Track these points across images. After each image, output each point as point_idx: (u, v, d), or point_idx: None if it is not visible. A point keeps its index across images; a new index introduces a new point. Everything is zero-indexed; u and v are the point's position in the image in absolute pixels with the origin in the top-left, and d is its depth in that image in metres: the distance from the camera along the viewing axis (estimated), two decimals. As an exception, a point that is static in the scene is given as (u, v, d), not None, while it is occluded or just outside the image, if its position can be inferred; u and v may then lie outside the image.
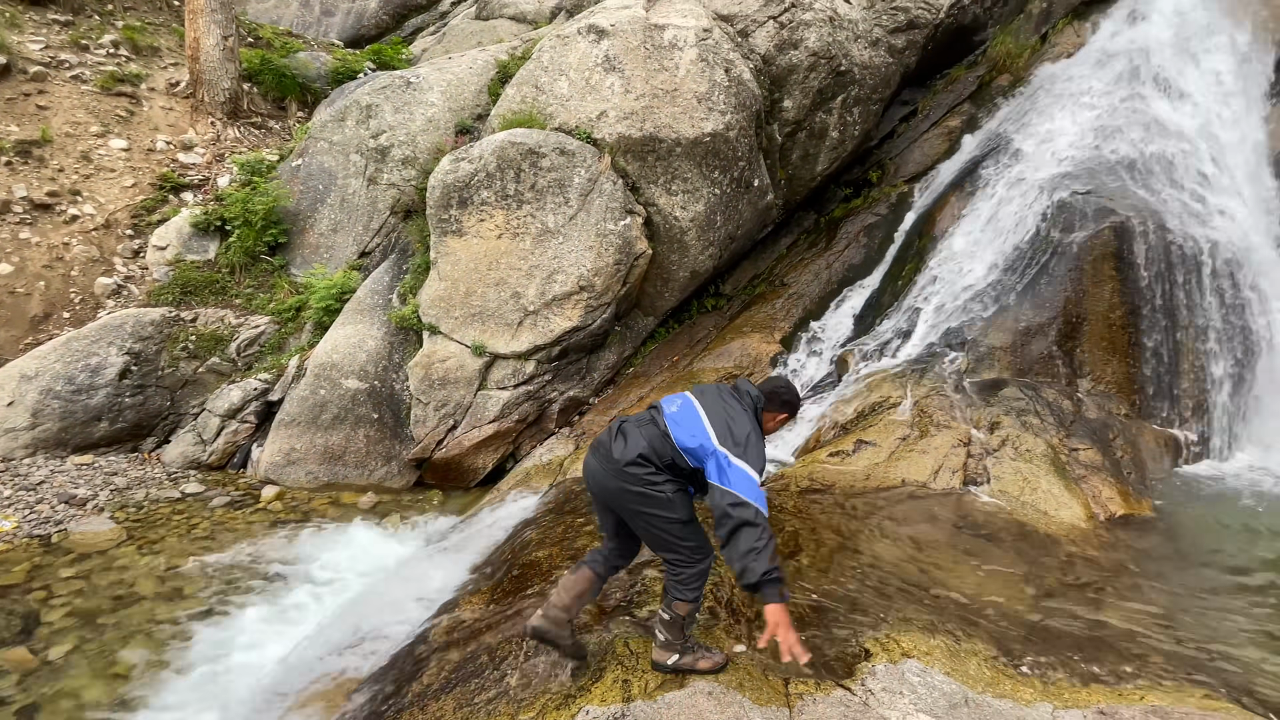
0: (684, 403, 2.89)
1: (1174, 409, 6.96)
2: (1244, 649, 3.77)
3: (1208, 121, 8.40)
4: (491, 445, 6.93)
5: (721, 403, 2.86)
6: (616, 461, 2.76)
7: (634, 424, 2.90)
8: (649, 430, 2.82)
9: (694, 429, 2.75)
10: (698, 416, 2.80)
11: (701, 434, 2.72)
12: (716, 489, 2.61)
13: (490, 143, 7.19)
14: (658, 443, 2.78)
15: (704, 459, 2.69)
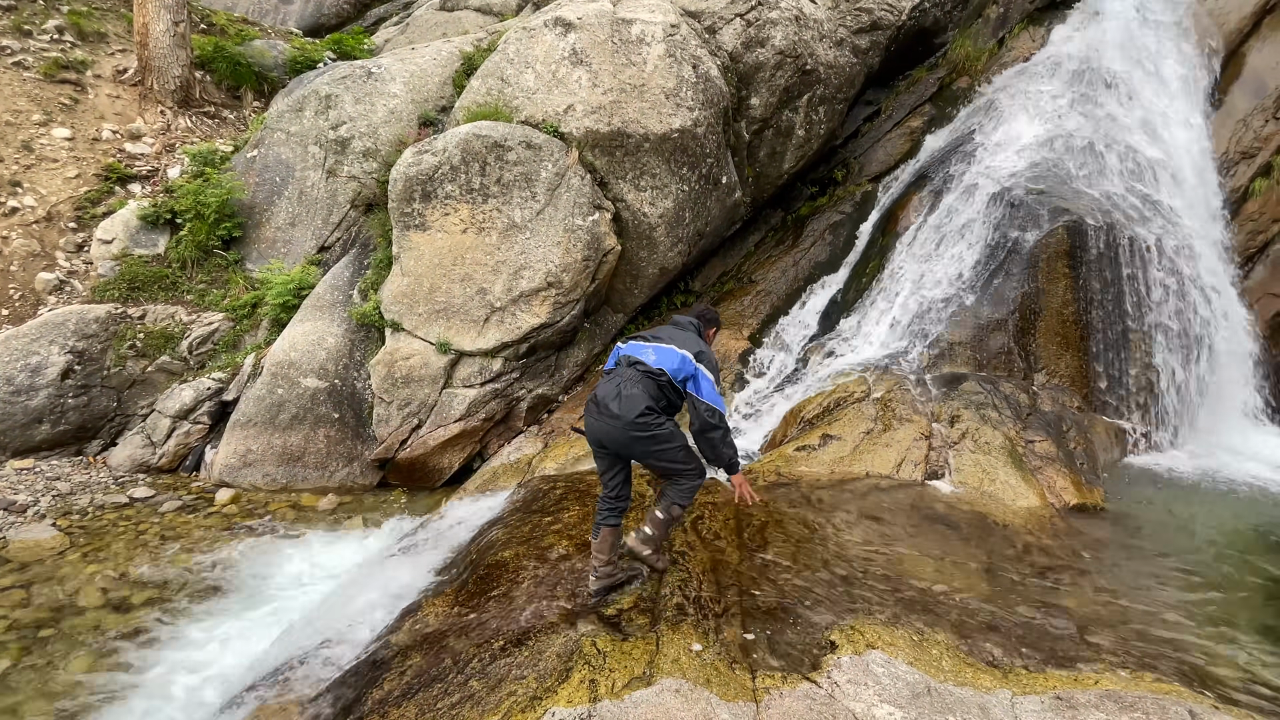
0: (655, 347, 3.48)
1: (1123, 402, 7.20)
2: (1189, 634, 3.91)
3: (1155, 124, 8.72)
4: (457, 444, 6.79)
5: (680, 333, 3.59)
6: (623, 418, 3.29)
7: (627, 382, 3.38)
8: (645, 384, 3.37)
9: (673, 359, 3.41)
10: (672, 350, 3.44)
11: (679, 358, 3.40)
12: (697, 401, 3.35)
13: (454, 135, 7.03)
14: (653, 390, 3.37)
15: (686, 377, 3.38)
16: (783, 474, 5.34)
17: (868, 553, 4.47)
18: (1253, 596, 4.50)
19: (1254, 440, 7.20)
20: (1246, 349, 7.70)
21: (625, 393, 3.32)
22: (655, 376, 3.37)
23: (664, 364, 3.40)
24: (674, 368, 3.39)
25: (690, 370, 3.37)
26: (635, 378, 3.37)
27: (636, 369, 3.42)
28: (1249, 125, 8.80)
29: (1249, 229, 8.79)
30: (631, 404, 3.28)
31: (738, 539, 4.26)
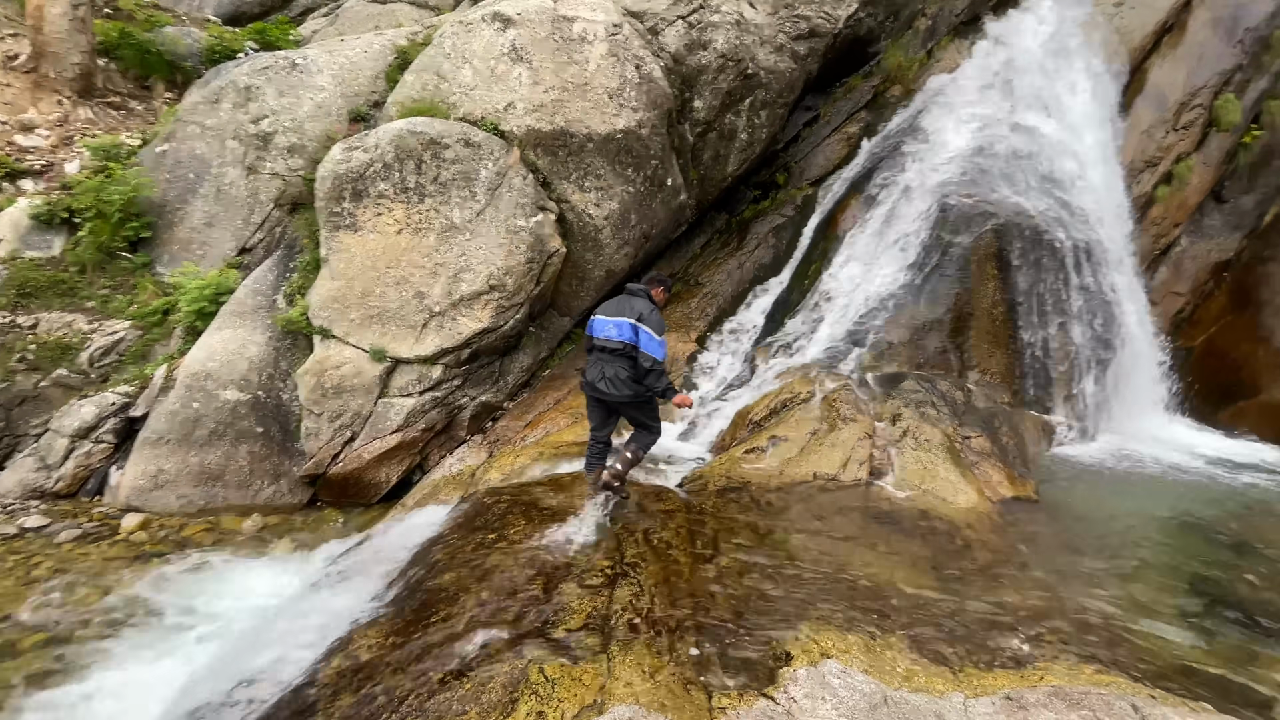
0: (614, 322, 4.28)
1: (1048, 396, 7.49)
2: (1120, 620, 4.01)
3: (1070, 133, 9.15)
4: (395, 457, 6.39)
5: (630, 301, 4.36)
6: (615, 394, 4.25)
7: (607, 367, 4.27)
8: (619, 364, 4.25)
9: (626, 331, 4.22)
10: (620, 320, 4.27)
11: (629, 328, 4.21)
12: (638, 353, 4.18)
13: (387, 131, 6.63)
14: (627, 365, 4.24)
15: (634, 336, 4.17)
16: (732, 478, 5.24)
17: (818, 555, 4.41)
18: (1171, 579, 4.68)
19: (1164, 429, 7.63)
20: (1154, 345, 8.16)
21: (608, 375, 4.26)
22: (623, 353, 4.22)
23: (622, 337, 4.22)
24: (629, 337, 4.20)
25: (633, 332, 4.20)
26: (609, 360, 4.27)
27: (607, 352, 4.27)
28: (1152, 136, 9.37)
29: (1153, 233, 9.36)
30: (618, 386, 4.24)
31: (690, 547, 4.12)
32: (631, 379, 4.20)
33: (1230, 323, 8.44)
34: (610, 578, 3.59)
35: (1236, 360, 8.05)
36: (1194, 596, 4.34)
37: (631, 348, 4.18)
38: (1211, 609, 4.18)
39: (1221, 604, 4.22)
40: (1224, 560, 4.78)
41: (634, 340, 4.16)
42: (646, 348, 4.12)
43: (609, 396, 4.27)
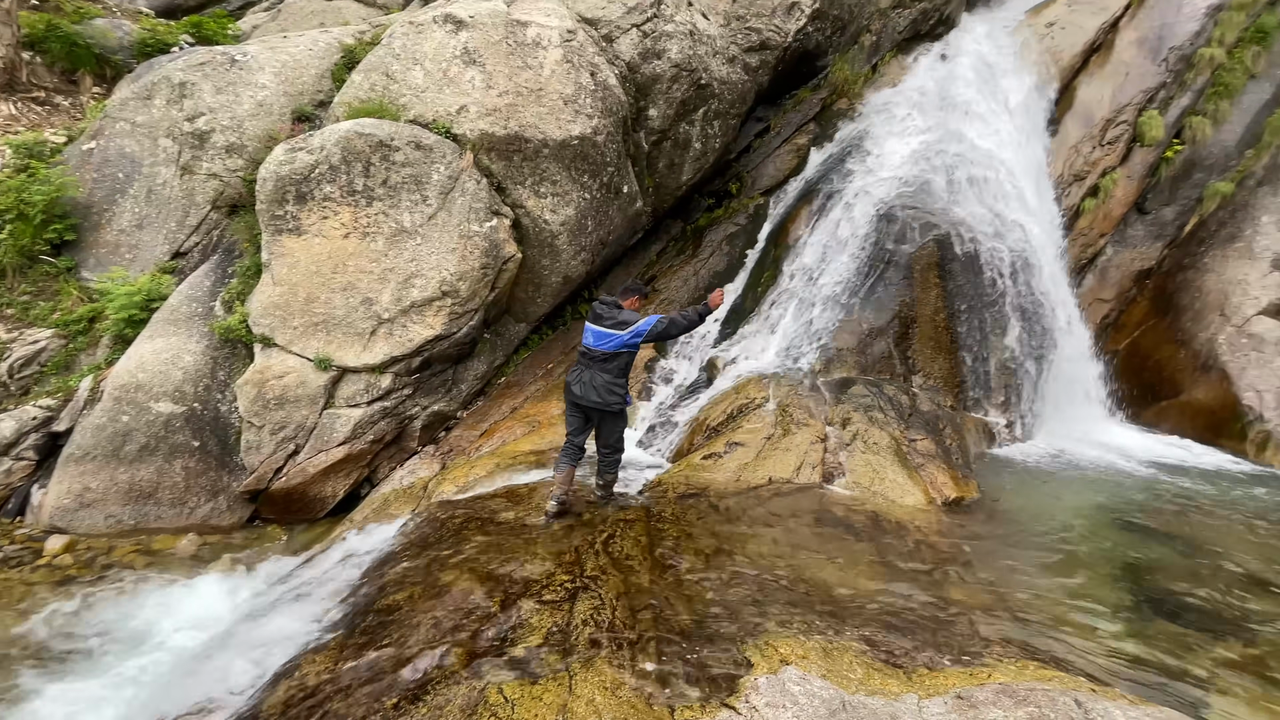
0: (597, 332, 4.57)
1: (988, 399, 7.79)
2: (1059, 615, 4.18)
3: (1004, 147, 9.57)
4: (342, 470, 6.15)
5: (610, 315, 4.60)
6: (595, 401, 4.55)
7: (594, 375, 4.56)
8: (603, 372, 4.55)
9: (614, 341, 4.52)
10: (610, 334, 4.54)
11: (618, 340, 4.52)
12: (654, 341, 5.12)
13: (334, 132, 6.40)
14: (613, 372, 4.57)
15: (627, 344, 4.51)
16: (692, 484, 5.24)
17: (774, 560, 4.45)
18: (1106, 573, 4.91)
19: (1095, 428, 8.03)
20: (1085, 349, 8.60)
21: (591, 383, 4.56)
22: (610, 359, 4.55)
23: (608, 346, 4.55)
24: (617, 345, 4.52)
25: (625, 340, 4.51)
26: (596, 367, 4.56)
27: (596, 360, 4.56)
28: (1080, 151, 9.89)
29: (1081, 243, 9.87)
30: (599, 393, 4.54)
31: (650, 557, 4.09)
32: (610, 389, 4.53)
33: (1152, 327, 8.97)
34: (570, 592, 3.53)
35: (1159, 362, 8.56)
36: (1126, 589, 4.57)
37: (627, 352, 4.55)
38: (1143, 601, 4.40)
39: (1152, 596, 4.46)
40: (1153, 554, 5.05)
41: (624, 344, 4.49)
42: (652, 333, 4.50)
43: (588, 403, 4.55)
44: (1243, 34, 9.67)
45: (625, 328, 4.46)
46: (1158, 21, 10.21)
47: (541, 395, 6.83)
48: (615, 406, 4.58)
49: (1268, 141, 9.10)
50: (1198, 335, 8.47)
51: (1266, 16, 9.68)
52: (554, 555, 3.86)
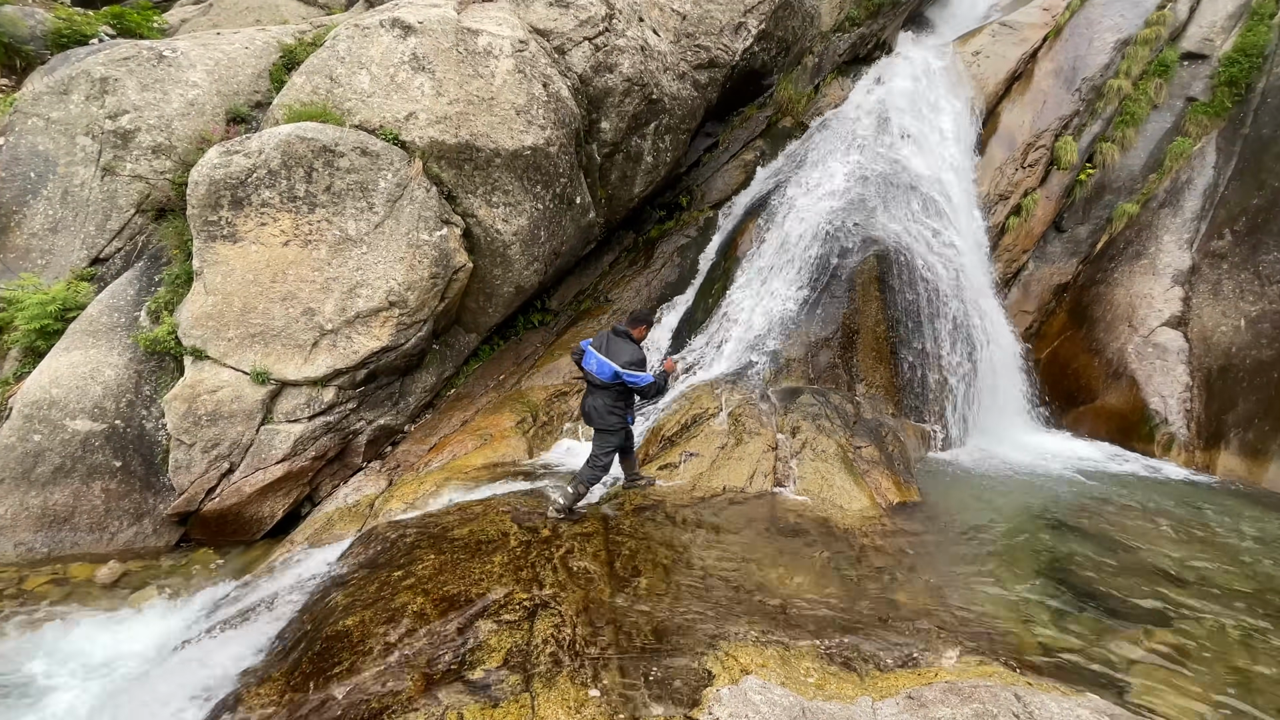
0: (598, 360, 4.88)
1: (925, 407, 8.14)
2: (995, 610, 4.40)
3: (937, 168, 10.09)
4: (281, 489, 5.85)
5: (615, 344, 4.94)
6: (595, 422, 5.03)
7: (595, 396, 4.99)
8: (602, 398, 4.97)
9: (607, 371, 4.83)
10: (606, 363, 4.84)
11: (611, 371, 4.82)
12: (633, 389, 4.88)
13: (274, 135, 6.12)
14: (609, 398, 4.95)
15: (621, 377, 4.80)
16: (648, 495, 5.25)
17: (732, 569, 4.51)
18: (1034, 569, 5.19)
19: (1022, 434, 8.51)
20: (1011, 359, 9.11)
21: (595, 406, 5.00)
22: (605, 389, 4.93)
23: (603, 375, 4.86)
24: (609, 376, 4.84)
25: (618, 376, 4.83)
26: (596, 392, 4.99)
27: (592, 385, 4.99)
28: (1004, 172, 10.52)
29: (1006, 259, 10.48)
30: (600, 415, 4.98)
31: (609, 570, 4.06)
32: (609, 411, 4.97)
33: (1070, 337, 9.61)
34: (529, 610, 3.46)
35: (1076, 370, 9.17)
36: (1053, 585, 4.84)
37: (618, 383, 4.88)
38: (1068, 594, 4.68)
39: (1075, 589, 4.74)
40: (1076, 550, 5.38)
41: (618, 377, 4.83)
42: (634, 383, 4.81)
43: (591, 422, 5.05)
44: (1147, 67, 10.54)
45: (618, 360, 4.80)
46: (1072, 54, 11.00)
47: (493, 407, 6.70)
48: (613, 426, 4.98)
49: (1168, 166, 9.93)
50: (1109, 345, 9.11)
51: (1168, 51, 10.59)
52: (512, 573, 3.78)
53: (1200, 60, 10.47)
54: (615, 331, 5.01)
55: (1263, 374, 7.57)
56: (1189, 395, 8.14)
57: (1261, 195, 8.65)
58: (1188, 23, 10.86)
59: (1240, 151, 9.40)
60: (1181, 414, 8.03)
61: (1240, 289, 8.32)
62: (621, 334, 4.99)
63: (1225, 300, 8.42)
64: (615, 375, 4.78)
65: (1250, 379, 7.66)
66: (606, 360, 4.81)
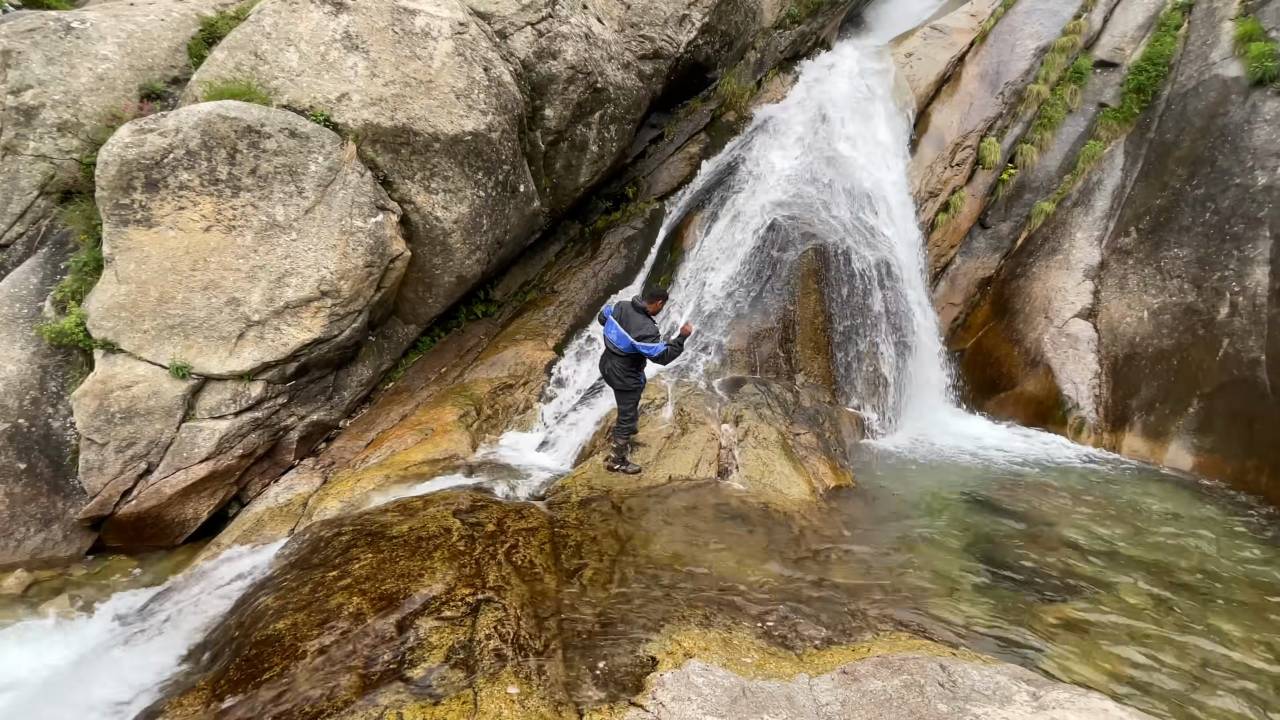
0: (617, 332, 5.45)
1: (859, 394, 8.42)
2: (923, 586, 4.59)
3: (872, 164, 10.40)
4: (206, 489, 5.51)
5: (631, 317, 5.47)
6: (616, 384, 5.62)
7: (613, 359, 5.57)
8: (616, 361, 5.53)
9: (624, 342, 5.39)
10: (623, 334, 5.39)
11: (627, 342, 5.37)
12: (648, 358, 5.41)
13: (192, 114, 5.72)
14: (624, 363, 5.50)
15: (637, 348, 5.35)
16: (595, 487, 5.22)
17: (676, 556, 4.55)
18: (959, 546, 5.47)
19: (950, 420, 8.92)
20: (940, 348, 9.53)
21: (613, 369, 5.56)
22: (622, 356, 5.49)
23: (622, 345, 5.43)
24: (626, 347, 5.40)
25: (634, 347, 5.35)
26: (611, 359, 5.58)
27: (610, 352, 5.57)
28: (934, 171, 10.94)
29: (935, 253, 10.92)
30: (619, 377, 5.57)
31: (554, 563, 4.02)
32: (626, 374, 5.55)
33: (992, 328, 10.12)
34: (472, 606, 3.38)
35: (998, 359, 9.67)
36: (977, 561, 5.11)
37: (633, 352, 5.41)
38: (989, 570, 4.94)
39: (996, 565, 5.02)
40: (997, 528, 5.69)
41: (633, 348, 5.36)
42: (648, 353, 5.34)
43: (611, 383, 5.63)
44: (1063, 74, 11.15)
45: (633, 333, 5.34)
46: (996, 59, 11.52)
47: (434, 401, 6.50)
48: (631, 386, 5.61)
49: (1081, 168, 10.55)
50: (1028, 335, 9.63)
51: (1083, 59, 11.22)
52: (454, 569, 3.69)
53: (1112, 68, 11.15)
54: (634, 305, 5.51)
55: (1163, 362, 8.18)
56: (1098, 382, 8.71)
57: (1164, 196, 9.31)
58: (1101, 32, 11.53)
59: (1145, 155, 10.08)
60: (1091, 399, 8.59)
61: (1144, 283, 8.94)
62: (640, 308, 5.47)
63: (1130, 293, 9.03)
64: (632, 346, 5.31)
65: (1152, 366, 8.26)
66: (624, 332, 5.35)
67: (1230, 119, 9.10)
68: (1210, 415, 7.51)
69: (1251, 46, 9.25)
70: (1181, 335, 8.18)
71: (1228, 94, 9.38)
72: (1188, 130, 9.62)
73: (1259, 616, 4.47)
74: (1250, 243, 7.98)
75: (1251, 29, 9.59)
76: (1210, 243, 8.44)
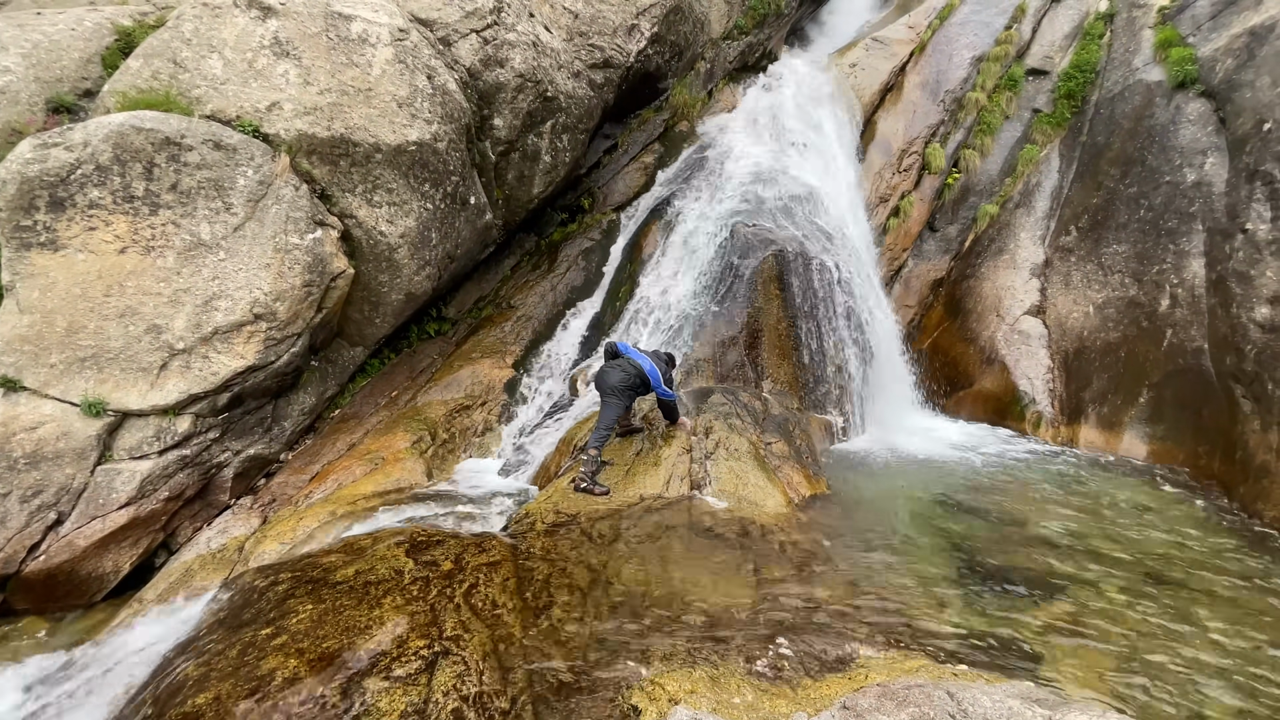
0: (636, 353, 5.62)
1: (826, 399, 8.25)
2: (911, 598, 4.35)
3: (825, 172, 10.38)
4: (127, 538, 4.87)
5: (660, 358, 5.75)
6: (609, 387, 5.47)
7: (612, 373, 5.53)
8: (628, 372, 5.52)
9: (645, 364, 5.52)
10: (646, 360, 5.56)
11: (651, 371, 5.51)
12: (662, 402, 5.71)
13: (103, 125, 5.13)
14: (631, 380, 5.50)
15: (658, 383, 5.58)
16: (562, 511, 4.82)
17: (653, 584, 4.18)
18: (937, 550, 5.27)
19: (914, 420, 8.84)
20: (899, 351, 9.48)
21: (608, 377, 5.47)
22: (625, 372, 5.48)
23: (641, 364, 5.53)
24: (649, 369, 5.54)
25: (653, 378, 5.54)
26: (622, 365, 5.56)
27: (611, 366, 5.58)
28: (883, 177, 11.01)
29: (888, 257, 10.96)
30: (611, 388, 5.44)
31: (520, 602, 3.60)
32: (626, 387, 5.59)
33: (947, 328, 10.17)
34: (428, 660, 2.94)
35: (954, 358, 9.70)
36: (956, 564, 4.91)
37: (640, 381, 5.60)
38: (971, 573, 4.75)
39: (977, 568, 4.83)
40: (972, 528, 5.53)
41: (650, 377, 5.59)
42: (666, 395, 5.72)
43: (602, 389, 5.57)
44: (999, 81, 11.41)
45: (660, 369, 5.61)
46: (935, 68, 11.72)
47: (385, 428, 5.98)
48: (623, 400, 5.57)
49: (1020, 171, 10.76)
50: (981, 334, 9.69)
51: (1016, 68, 11.51)
52: (406, 617, 3.23)
53: (1043, 75, 11.47)
54: (660, 354, 5.95)
55: (1111, 354, 8.28)
56: (1051, 376, 8.78)
57: (1100, 195, 9.53)
58: (1031, 42, 11.88)
59: (1080, 157, 10.34)
60: (1046, 393, 8.64)
61: (1087, 279, 9.09)
62: (666, 360, 5.94)
63: (1075, 289, 9.17)
64: (655, 379, 5.53)
65: (1101, 359, 8.36)
66: (646, 356, 5.58)
67: (1156, 120, 9.40)
68: (1160, 404, 7.61)
69: (1172, 52, 9.60)
70: (1127, 328, 8.31)
71: (1152, 97, 9.71)
72: (1117, 132, 9.91)
73: (1236, 606, 4.39)
74: (1184, 237, 8.19)
75: (1170, 35, 9.98)
76: (1147, 238, 8.64)
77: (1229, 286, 7.30)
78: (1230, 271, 7.35)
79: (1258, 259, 7.13)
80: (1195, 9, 10.08)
